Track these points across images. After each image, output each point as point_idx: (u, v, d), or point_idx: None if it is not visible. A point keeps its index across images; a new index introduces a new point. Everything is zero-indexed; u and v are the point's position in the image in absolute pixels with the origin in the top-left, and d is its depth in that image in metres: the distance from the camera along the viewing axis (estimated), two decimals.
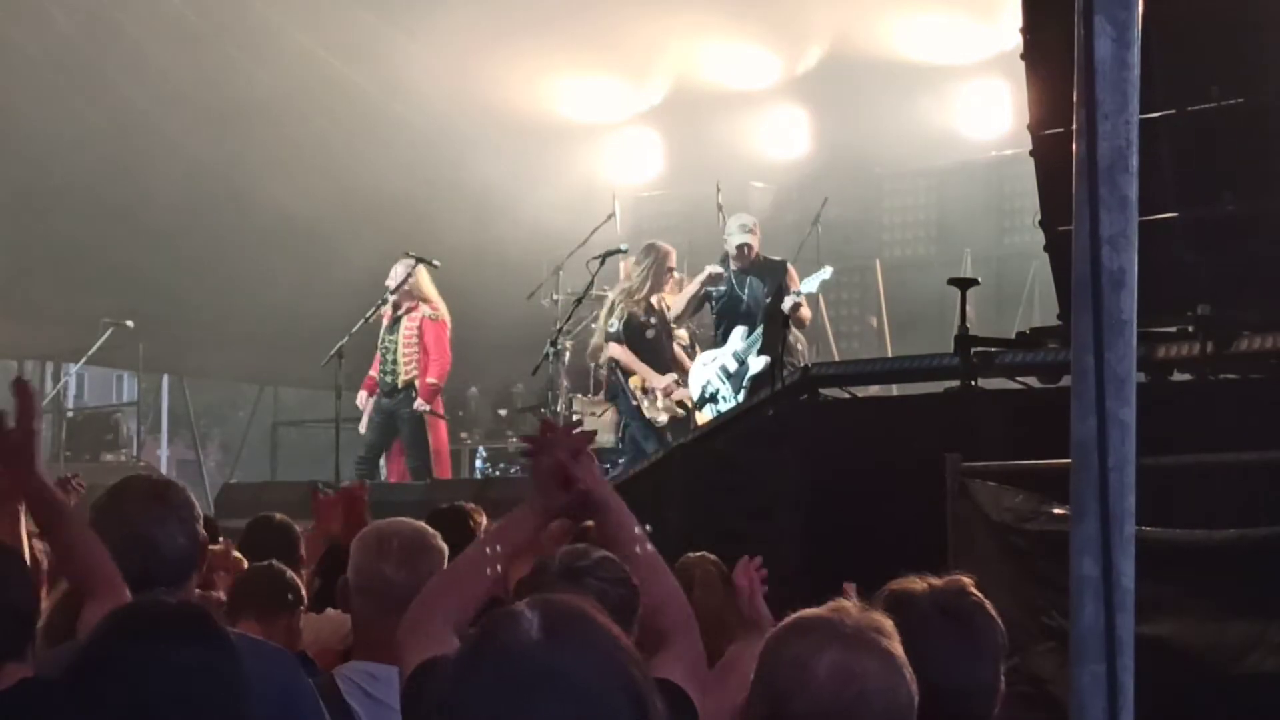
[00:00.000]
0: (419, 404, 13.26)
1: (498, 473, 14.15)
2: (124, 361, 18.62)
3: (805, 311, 12.59)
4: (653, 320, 12.84)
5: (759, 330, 12.39)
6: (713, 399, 12.67)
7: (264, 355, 18.69)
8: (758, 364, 12.40)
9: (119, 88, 16.10)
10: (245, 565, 6.03)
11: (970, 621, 3.48)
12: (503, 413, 17.37)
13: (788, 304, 12.07)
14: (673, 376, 12.67)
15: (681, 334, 13.63)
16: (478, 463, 15.36)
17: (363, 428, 13.52)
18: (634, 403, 12.61)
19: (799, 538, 8.26)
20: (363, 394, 13.55)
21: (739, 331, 12.64)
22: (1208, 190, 7.85)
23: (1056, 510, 6.80)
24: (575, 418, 13.97)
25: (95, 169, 16.37)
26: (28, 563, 4.32)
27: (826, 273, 12.67)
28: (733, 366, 12.59)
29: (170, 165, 16.63)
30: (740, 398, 12.37)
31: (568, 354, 13.86)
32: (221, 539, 6.57)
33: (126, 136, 16.34)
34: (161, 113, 16.31)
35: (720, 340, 12.85)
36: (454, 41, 16.37)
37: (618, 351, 12.75)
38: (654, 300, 12.89)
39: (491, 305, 16.92)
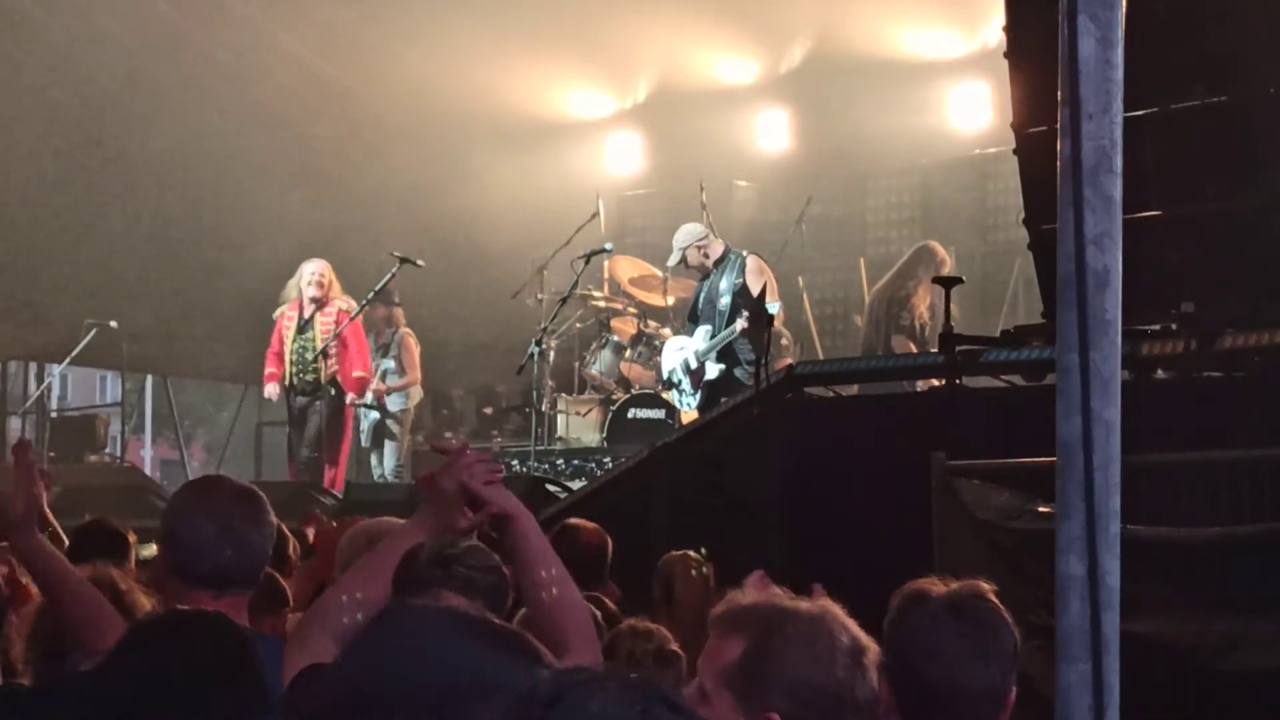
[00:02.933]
0: (351, 398, 13.41)
1: None
2: (108, 362, 18.56)
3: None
4: None
5: (720, 335, 12.40)
6: (676, 387, 12.78)
7: (248, 355, 18.63)
8: (713, 371, 12.50)
9: (107, 89, 16.06)
10: None
11: (980, 623, 3.46)
12: (488, 412, 17.36)
13: (738, 326, 12.14)
14: None
15: (666, 332, 13.64)
16: None
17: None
18: None
19: (783, 536, 8.26)
20: (273, 387, 13.69)
21: (703, 331, 12.68)
22: (1192, 188, 7.85)
23: (1042, 508, 6.78)
24: (560, 417, 13.99)
25: (80, 170, 16.33)
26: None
27: (774, 308, 12.60)
28: (693, 364, 12.66)
29: (156, 166, 16.60)
30: (697, 398, 12.45)
31: (552, 353, 13.86)
32: None
33: (112, 137, 16.31)
34: (149, 113, 16.28)
35: (689, 333, 12.93)
36: (439, 43, 16.35)
37: None
38: None
39: (476, 305, 16.93)
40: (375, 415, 14.60)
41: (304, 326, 13.51)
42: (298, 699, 3.23)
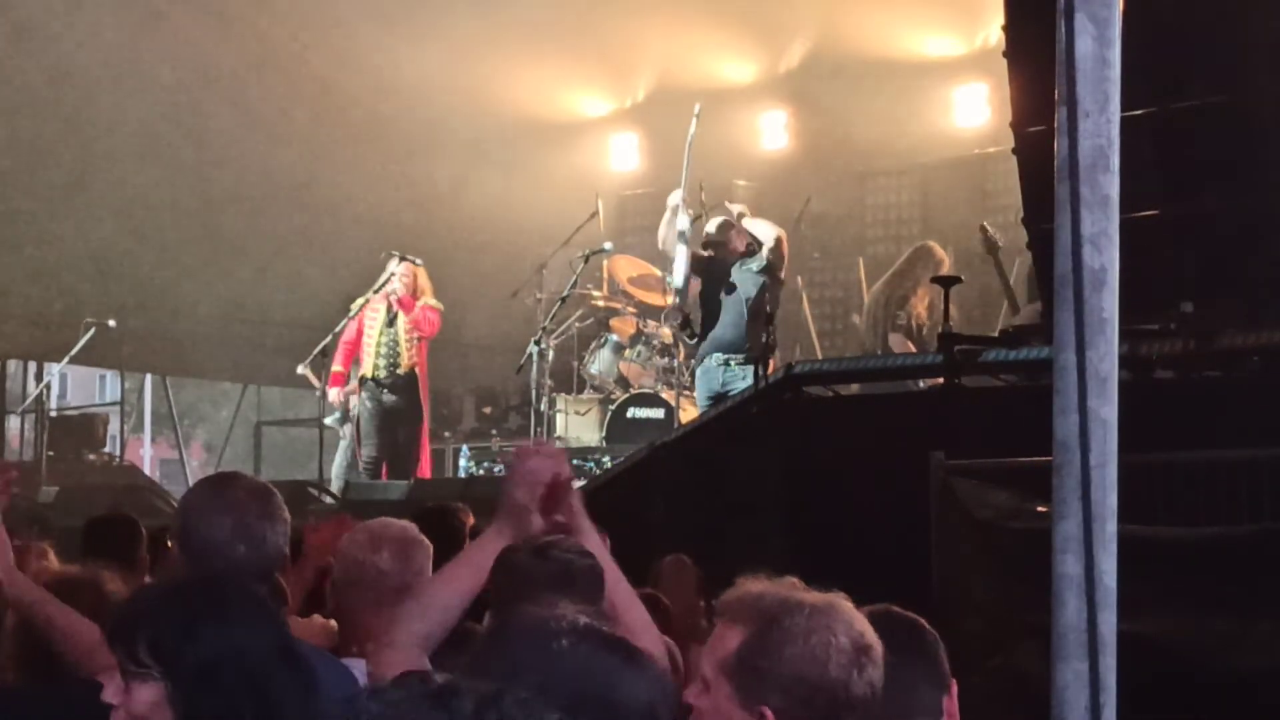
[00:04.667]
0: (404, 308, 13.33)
1: (481, 471, 14.16)
2: (107, 361, 18.57)
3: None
4: None
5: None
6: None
7: (246, 354, 18.66)
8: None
9: (102, 88, 16.06)
10: None
11: (903, 628, 3.43)
12: (487, 411, 17.36)
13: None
14: None
15: (665, 331, 13.63)
16: (462, 461, 15.35)
17: (330, 420, 13.53)
18: None
19: (782, 536, 8.26)
20: (335, 391, 13.53)
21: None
22: (1190, 187, 7.84)
23: (1040, 508, 6.77)
24: (559, 416, 13.98)
25: (77, 169, 16.33)
26: None
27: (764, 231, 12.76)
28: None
29: (154, 165, 16.59)
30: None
31: (551, 353, 13.86)
32: None
33: (111, 136, 16.31)
34: (144, 113, 16.28)
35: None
36: (438, 42, 16.34)
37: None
38: None
39: (475, 304, 16.92)
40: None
41: (392, 321, 13.43)
42: None
